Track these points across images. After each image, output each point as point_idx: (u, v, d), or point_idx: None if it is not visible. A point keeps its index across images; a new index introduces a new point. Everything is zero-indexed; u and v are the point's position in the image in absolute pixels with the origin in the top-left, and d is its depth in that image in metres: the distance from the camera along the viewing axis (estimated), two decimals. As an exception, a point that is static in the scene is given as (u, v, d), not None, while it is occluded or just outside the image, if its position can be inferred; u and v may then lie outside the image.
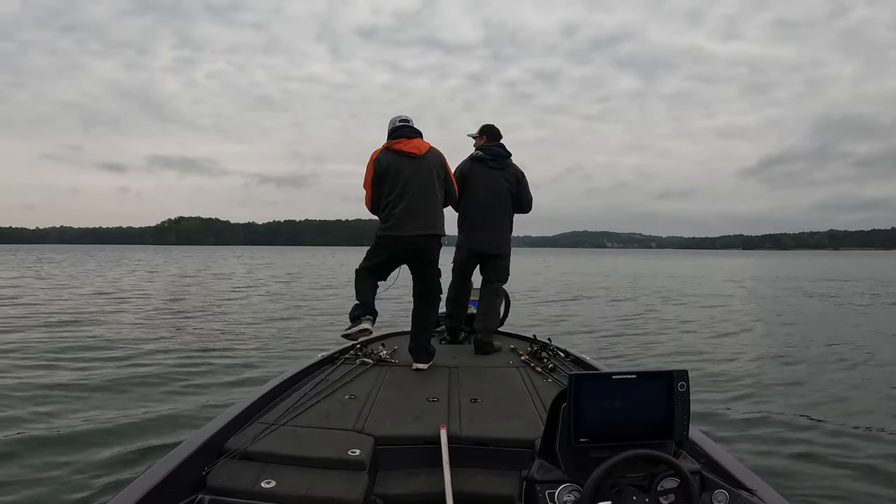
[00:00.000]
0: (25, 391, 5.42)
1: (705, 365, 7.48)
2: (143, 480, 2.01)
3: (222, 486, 2.18)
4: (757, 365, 7.60)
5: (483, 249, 4.80)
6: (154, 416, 4.77)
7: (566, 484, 1.80)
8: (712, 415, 5.04)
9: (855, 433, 4.69)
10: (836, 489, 3.63)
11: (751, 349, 8.93)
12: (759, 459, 3.97)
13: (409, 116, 4.16)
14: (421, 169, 4.01)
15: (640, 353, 8.33)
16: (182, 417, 4.72)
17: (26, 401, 5.08)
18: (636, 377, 1.85)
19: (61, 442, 4.11)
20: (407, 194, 3.96)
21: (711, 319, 12.49)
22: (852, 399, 5.83)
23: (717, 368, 7.28)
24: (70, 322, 10.61)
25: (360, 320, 3.99)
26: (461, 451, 2.63)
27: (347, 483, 2.25)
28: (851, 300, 17.80)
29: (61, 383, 5.79)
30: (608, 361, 6.32)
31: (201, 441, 2.39)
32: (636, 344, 9.07)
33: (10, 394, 5.27)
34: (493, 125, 4.92)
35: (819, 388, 6.26)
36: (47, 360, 6.98)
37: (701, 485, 1.91)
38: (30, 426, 4.43)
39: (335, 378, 3.61)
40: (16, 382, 5.73)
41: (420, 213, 3.97)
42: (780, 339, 9.82)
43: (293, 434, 2.64)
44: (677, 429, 1.87)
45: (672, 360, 8.03)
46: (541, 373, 3.87)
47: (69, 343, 8.25)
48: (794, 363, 7.69)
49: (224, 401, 4.92)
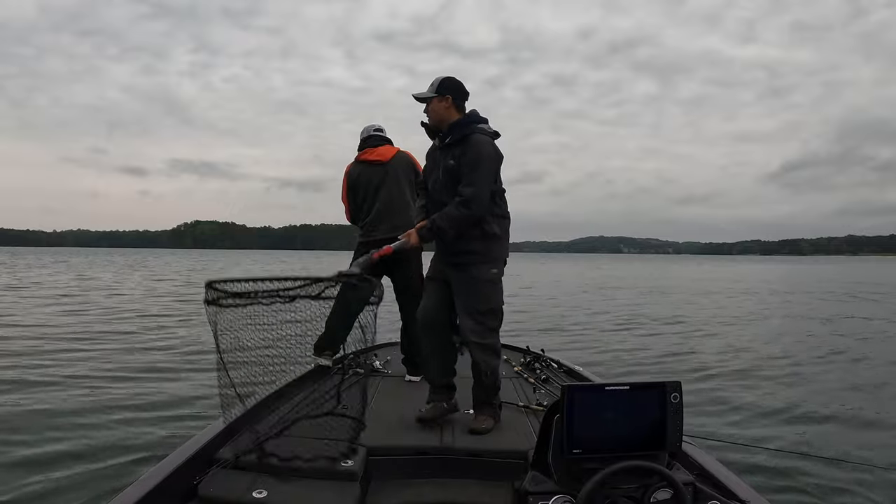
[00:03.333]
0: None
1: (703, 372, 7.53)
2: (133, 489, 2.01)
3: (213, 496, 2.17)
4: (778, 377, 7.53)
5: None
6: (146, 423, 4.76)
7: (559, 495, 1.80)
8: (710, 426, 5.04)
9: (854, 444, 4.69)
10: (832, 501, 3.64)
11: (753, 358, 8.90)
12: (751, 471, 3.95)
13: (381, 126, 4.29)
14: (388, 174, 4.13)
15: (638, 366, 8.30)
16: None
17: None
18: (629, 388, 1.86)
19: (56, 451, 4.10)
20: (378, 201, 4.12)
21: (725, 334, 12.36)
22: (857, 411, 5.80)
23: (713, 375, 7.33)
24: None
25: (322, 354, 3.99)
26: (454, 463, 2.64)
27: (339, 494, 2.25)
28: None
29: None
30: (601, 373, 6.30)
31: (193, 450, 2.39)
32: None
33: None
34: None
35: (826, 399, 6.23)
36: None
37: (694, 496, 1.90)
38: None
39: (327, 388, 3.62)
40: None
41: (390, 215, 4.09)
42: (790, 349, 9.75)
43: (285, 444, 2.63)
44: (670, 440, 1.87)
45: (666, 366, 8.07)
46: (534, 384, 3.86)
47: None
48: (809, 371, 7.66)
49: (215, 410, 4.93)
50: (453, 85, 3.12)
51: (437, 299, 3.24)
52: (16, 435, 4.38)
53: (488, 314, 3.12)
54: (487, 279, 3.10)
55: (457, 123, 3.09)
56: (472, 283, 3.10)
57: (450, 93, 3.09)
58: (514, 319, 11.38)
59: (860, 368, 7.96)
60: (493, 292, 3.14)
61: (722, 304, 18.80)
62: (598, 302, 18.56)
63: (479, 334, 3.09)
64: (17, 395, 5.59)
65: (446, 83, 3.11)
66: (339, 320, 4.04)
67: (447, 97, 3.09)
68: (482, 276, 3.08)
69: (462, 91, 3.14)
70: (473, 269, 3.08)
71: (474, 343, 3.09)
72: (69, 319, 11.83)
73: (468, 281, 3.10)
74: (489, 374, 3.09)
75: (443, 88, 3.09)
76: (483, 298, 3.10)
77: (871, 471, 3.94)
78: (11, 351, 8.02)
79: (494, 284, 3.14)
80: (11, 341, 8.83)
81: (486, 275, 3.09)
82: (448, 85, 3.10)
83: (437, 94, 3.09)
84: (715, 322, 13.64)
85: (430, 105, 3.13)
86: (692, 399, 5.77)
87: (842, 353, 9.09)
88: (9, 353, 7.88)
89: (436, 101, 3.11)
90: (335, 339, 4.07)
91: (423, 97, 3.14)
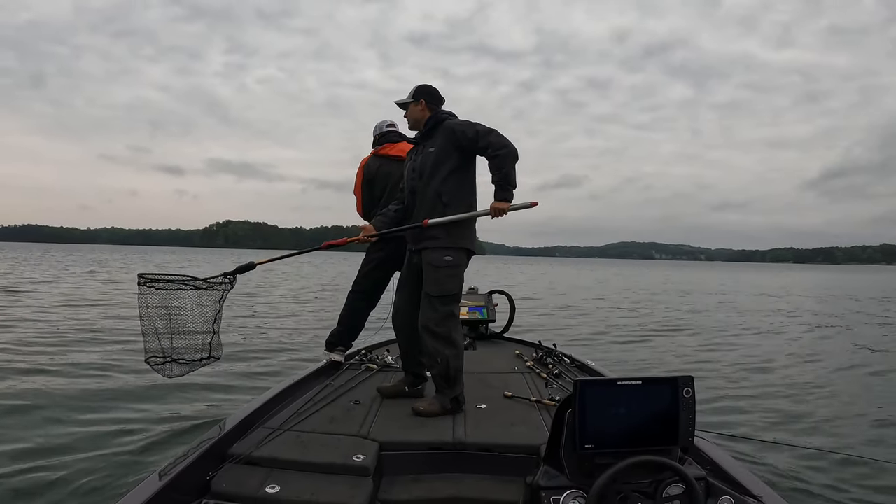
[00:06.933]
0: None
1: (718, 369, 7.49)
2: (146, 485, 2.03)
3: (226, 491, 2.19)
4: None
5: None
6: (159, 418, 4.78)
7: (571, 490, 1.80)
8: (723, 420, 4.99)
9: (868, 443, 4.65)
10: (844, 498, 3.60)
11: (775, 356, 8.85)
12: (765, 466, 3.93)
13: (395, 122, 4.29)
14: None
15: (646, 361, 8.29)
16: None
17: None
18: (641, 383, 1.85)
19: (67, 445, 4.12)
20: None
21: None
22: (875, 411, 5.72)
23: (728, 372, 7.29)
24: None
25: (335, 350, 4.10)
26: (466, 458, 2.64)
27: (352, 488, 2.26)
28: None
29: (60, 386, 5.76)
30: (613, 367, 6.27)
31: (206, 446, 2.42)
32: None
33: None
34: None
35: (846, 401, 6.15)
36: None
37: (706, 491, 1.88)
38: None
39: (340, 383, 3.63)
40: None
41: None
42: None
43: (297, 439, 2.65)
44: (682, 435, 1.86)
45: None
46: (546, 379, 3.86)
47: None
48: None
49: (229, 406, 4.94)
50: (427, 91, 3.42)
51: (406, 301, 3.42)
52: (22, 430, 4.42)
53: (443, 299, 3.20)
54: (442, 265, 3.21)
55: (430, 118, 3.37)
56: (429, 268, 3.23)
57: (424, 97, 3.40)
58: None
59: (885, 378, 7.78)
60: (448, 278, 3.22)
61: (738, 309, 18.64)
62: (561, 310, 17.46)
63: (434, 321, 3.19)
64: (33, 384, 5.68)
65: (422, 89, 3.42)
66: (352, 316, 4.12)
67: (421, 101, 3.40)
68: (437, 261, 3.21)
69: (436, 96, 3.43)
70: (432, 253, 3.22)
71: (428, 330, 3.20)
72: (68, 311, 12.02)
73: (426, 267, 3.25)
74: (439, 362, 3.15)
75: (418, 94, 3.41)
76: (436, 283, 3.20)
77: (885, 469, 3.90)
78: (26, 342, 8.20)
79: (451, 270, 3.23)
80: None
81: (441, 261, 3.21)
82: (423, 90, 3.42)
83: (413, 99, 3.41)
84: (737, 327, 13.50)
85: (408, 109, 3.45)
86: (706, 395, 5.81)
87: (866, 365, 8.90)
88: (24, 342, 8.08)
89: (412, 106, 3.42)
90: (347, 335, 4.15)
91: (402, 102, 3.47)
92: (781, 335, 11.82)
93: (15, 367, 6.50)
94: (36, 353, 7.35)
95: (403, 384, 3.49)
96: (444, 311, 3.20)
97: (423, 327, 3.21)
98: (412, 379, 3.50)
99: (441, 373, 3.15)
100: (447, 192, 3.23)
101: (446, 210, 3.21)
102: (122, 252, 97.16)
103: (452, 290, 3.23)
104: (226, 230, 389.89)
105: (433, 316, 3.19)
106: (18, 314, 11.36)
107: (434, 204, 3.23)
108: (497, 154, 3.09)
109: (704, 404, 5.15)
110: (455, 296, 3.26)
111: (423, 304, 3.23)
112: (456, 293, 3.27)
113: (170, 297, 2.81)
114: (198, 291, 2.88)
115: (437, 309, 3.19)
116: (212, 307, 2.90)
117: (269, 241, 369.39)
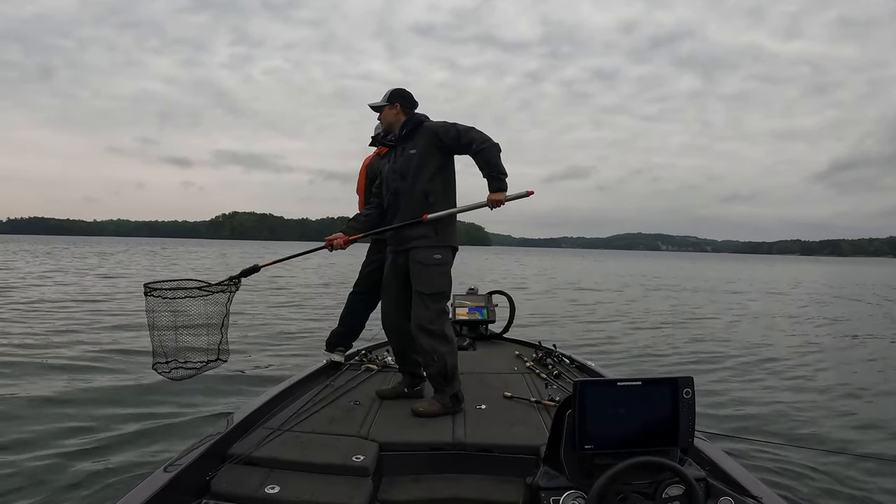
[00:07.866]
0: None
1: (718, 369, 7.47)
2: (146, 485, 2.03)
3: (226, 492, 2.20)
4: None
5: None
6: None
7: (571, 491, 1.80)
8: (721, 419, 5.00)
9: (869, 441, 4.66)
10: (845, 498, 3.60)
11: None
12: (765, 467, 3.92)
13: None
14: None
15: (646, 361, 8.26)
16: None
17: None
18: (641, 384, 1.85)
19: (63, 443, 4.12)
20: None
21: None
22: (876, 410, 5.73)
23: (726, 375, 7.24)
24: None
25: (335, 351, 4.11)
26: (466, 458, 2.64)
27: (351, 489, 2.26)
28: None
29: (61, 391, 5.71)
30: (613, 368, 6.25)
31: (205, 446, 2.42)
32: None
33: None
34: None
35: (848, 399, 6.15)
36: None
37: (706, 492, 1.88)
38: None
39: (340, 384, 3.64)
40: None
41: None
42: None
43: (297, 439, 2.66)
44: (682, 436, 1.86)
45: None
46: (546, 379, 3.85)
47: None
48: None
49: (229, 406, 4.96)
50: (402, 94, 3.42)
51: (393, 304, 3.43)
52: (20, 429, 4.42)
53: (434, 297, 3.21)
54: (432, 263, 3.22)
55: (407, 121, 3.36)
56: (418, 267, 3.23)
57: (398, 101, 3.39)
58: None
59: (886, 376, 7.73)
60: (439, 276, 3.24)
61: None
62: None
63: (428, 319, 3.19)
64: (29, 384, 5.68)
65: (396, 93, 3.41)
66: (352, 317, 4.13)
67: (396, 104, 3.39)
68: (427, 259, 3.21)
69: (410, 100, 3.43)
70: (421, 252, 3.22)
71: (422, 328, 3.19)
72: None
73: (415, 266, 3.24)
74: (436, 360, 3.15)
75: (393, 98, 3.40)
76: (427, 281, 3.21)
77: (886, 468, 3.89)
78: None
79: (440, 268, 3.25)
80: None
81: (430, 259, 3.22)
82: (398, 94, 3.41)
83: (388, 102, 3.40)
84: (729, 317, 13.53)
85: (383, 113, 3.44)
86: (706, 396, 5.77)
87: (870, 362, 8.84)
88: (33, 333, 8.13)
89: (387, 109, 3.40)
90: (348, 336, 4.15)
91: (377, 105, 3.44)
92: (783, 332, 11.79)
93: (15, 366, 6.51)
94: (36, 353, 7.35)
95: (402, 386, 3.50)
96: (436, 309, 3.22)
97: (417, 326, 3.21)
98: (410, 379, 3.50)
99: (439, 370, 3.15)
100: (434, 192, 3.26)
101: (433, 209, 3.23)
102: (126, 244, 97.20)
103: (443, 288, 3.27)
104: (232, 221, 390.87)
105: (426, 314, 3.19)
106: (19, 309, 11.46)
107: (421, 203, 3.24)
108: (482, 148, 3.14)
109: (704, 405, 5.13)
110: (446, 293, 3.30)
111: (415, 302, 3.23)
112: (446, 290, 3.31)
113: (176, 304, 2.84)
114: (203, 297, 2.90)
115: (429, 307, 3.20)
116: (218, 311, 2.92)
117: (275, 233, 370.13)
